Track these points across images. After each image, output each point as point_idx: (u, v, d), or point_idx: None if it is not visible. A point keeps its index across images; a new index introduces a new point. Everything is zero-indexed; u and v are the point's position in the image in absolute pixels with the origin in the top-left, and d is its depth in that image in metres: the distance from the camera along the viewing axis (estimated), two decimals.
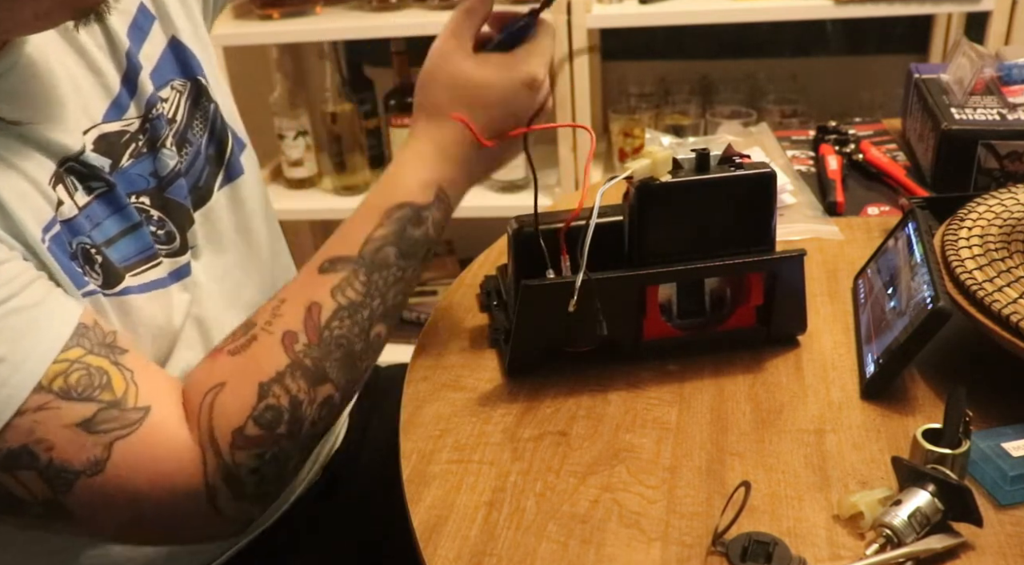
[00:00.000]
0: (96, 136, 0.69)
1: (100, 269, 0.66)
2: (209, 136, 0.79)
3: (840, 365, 0.75)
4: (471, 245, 1.01)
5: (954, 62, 1.11)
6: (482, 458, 0.67)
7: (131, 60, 0.73)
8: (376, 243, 0.67)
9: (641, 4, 1.71)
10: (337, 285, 0.65)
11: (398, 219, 0.68)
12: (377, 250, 0.67)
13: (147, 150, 0.72)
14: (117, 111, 0.71)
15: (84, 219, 0.66)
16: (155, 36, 0.76)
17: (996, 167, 0.98)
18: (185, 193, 0.75)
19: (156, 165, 0.73)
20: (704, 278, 0.76)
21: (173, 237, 0.74)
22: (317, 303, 0.65)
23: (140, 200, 0.72)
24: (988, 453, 0.61)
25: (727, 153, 0.72)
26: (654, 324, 0.74)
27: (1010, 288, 0.69)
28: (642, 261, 0.72)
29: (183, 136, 0.76)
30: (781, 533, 0.58)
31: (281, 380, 0.62)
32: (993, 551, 0.56)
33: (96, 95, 0.70)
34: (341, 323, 0.65)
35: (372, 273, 0.66)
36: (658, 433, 0.69)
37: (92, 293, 0.65)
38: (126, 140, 0.71)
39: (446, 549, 0.60)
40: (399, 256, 0.68)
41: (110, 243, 0.68)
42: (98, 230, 0.67)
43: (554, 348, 0.75)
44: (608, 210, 0.71)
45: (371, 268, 0.67)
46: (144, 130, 0.72)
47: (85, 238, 0.65)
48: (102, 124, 0.70)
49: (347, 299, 0.65)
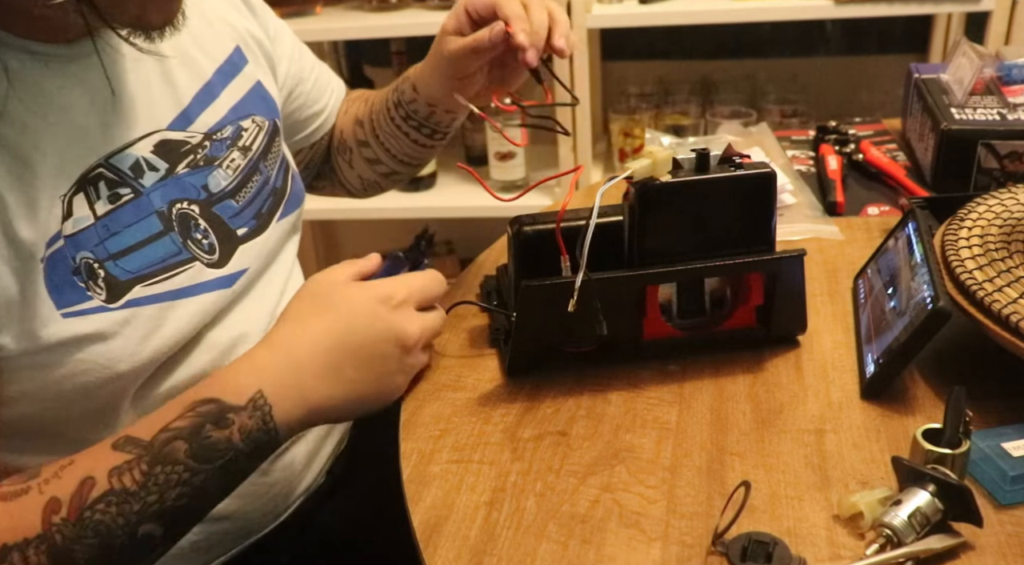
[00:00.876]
0: (159, 140, 0.73)
1: (103, 283, 0.67)
2: (278, 172, 0.84)
3: (840, 365, 0.75)
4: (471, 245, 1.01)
5: (954, 62, 1.11)
6: (482, 458, 0.67)
7: (210, 85, 0.78)
8: (169, 434, 0.62)
9: (641, 4, 1.71)
10: (117, 466, 0.60)
11: (199, 414, 0.62)
12: (167, 441, 0.61)
13: (203, 164, 0.76)
14: (183, 122, 0.75)
15: (99, 228, 0.67)
16: (245, 75, 0.82)
17: (996, 167, 0.98)
18: (232, 214, 0.77)
19: (208, 180, 0.76)
20: (704, 278, 0.76)
21: (214, 249, 0.75)
22: (92, 479, 0.60)
23: (190, 207, 0.74)
24: (988, 453, 0.61)
25: (727, 153, 0.72)
26: (654, 324, 0.74)
27: (1010, 288, 0.69)
28: (642, 261, 0.72)
29: (256, 165, 0.81)
30: (781, 533, 0.58)
31: (24, 548, 0.58)
32: (993, 551, 0.56)
33: (166, 104, 0.74)
34: (106, 508, 0.59)
35: (155, 465, 0.61)
36: (658, 433, 0.69)
37: (95, 309, 0.66)
38: (185, 150, 0.75)
39: (446, 549, 0.60)
40: (190, 455, 0.61)
41: (128, 252, 0.69)
42: (115, 239, 0.68)
43: (554, 348, 0.75)
44: (608, 210, 0.71)
45: (155, 460, 0.61)
46: (203, 146, 0.76)
47: (89, 253, 0.66)
48: (166, 130, 0.73)
49: (121, 485, 0.60)
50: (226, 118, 0.79)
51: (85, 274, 0.66)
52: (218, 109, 0.78)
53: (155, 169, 0.72)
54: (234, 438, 0.63)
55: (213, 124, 0.77)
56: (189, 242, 0.73)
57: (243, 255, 0.78)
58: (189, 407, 0.63)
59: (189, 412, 0.62)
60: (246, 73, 0.82)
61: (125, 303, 0.68)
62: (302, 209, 0.89)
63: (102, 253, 0.67)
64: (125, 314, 0.68)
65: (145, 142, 0.71)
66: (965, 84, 1.05)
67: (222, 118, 0.78)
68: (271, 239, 0.82)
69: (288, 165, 0.86)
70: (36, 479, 0.60)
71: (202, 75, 0.78)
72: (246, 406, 0.63)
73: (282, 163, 0.85)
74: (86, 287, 0.66)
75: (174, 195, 0.73)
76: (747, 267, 0.73)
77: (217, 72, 0.79)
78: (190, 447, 0.61)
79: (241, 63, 0.82)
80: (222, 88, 0.79)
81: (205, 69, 0.78)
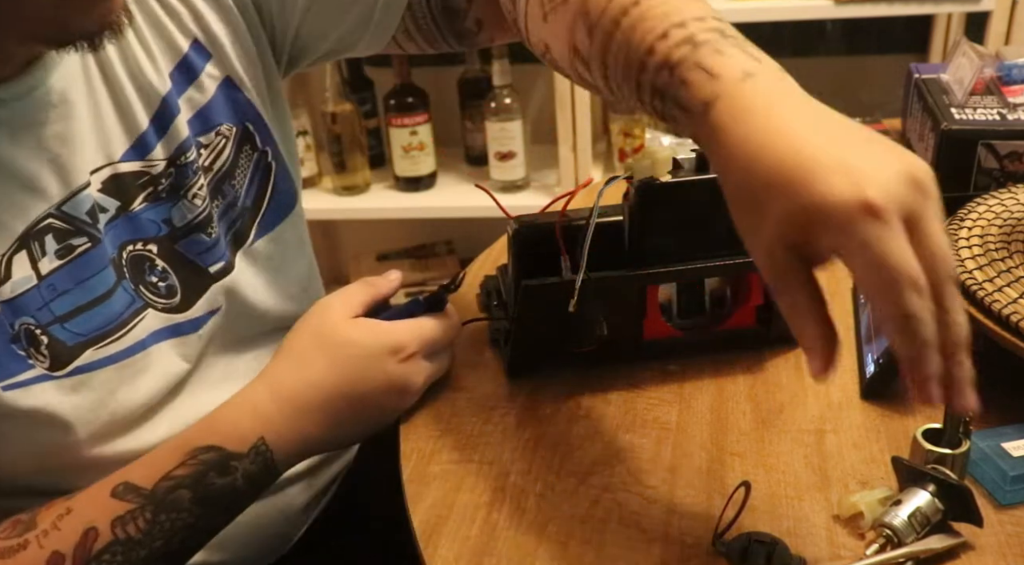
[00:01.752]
0: (108, 175, 0.66)
1: (46, 350, 0.62)
2: (249, 185, 0.75)
3: (840, 365, 0.75)
4: (471, 245, 1.01)
5: (954, 62, 1.11)
6: (482, 458, 0.67)
7: (167, 101, 0.68)
8: (171, 482, 0.61)
9: None
10: (120, 516, 0.60)
11: (202, 462, 0.62)
12: (171, 490, 0.61)
13: (166, 196, 0.69)
14: (139, 151, 0.67)
15: (44, 290, 0.62)
16: (207, 77, 0.71)
17: (996, 167, 0.98)
18: (202, 249, 0.71)
19: (172, 213, 0.69)
20: (704, 278, 0.76)
21: (174, 291, 0.70)
22: (95, 529, 0.59)
23: (147, 248, 0.68)
24: (988, 453, 0.61)
25: None
26: (654, 324, 0.74)
27: (1010, 288, 0.69)
28: (642, 261, 0.72)
29: (218, 185, 0.72)
30: (781, 533, 0.58)
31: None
32: (993, 551, 0.56)
33: (118, 133, 0.67)
34: (112, 558, 0.59)
35: (160, 513, 0.60)
36: (658, 433, 0.69)
37: (38, 378, 0.61)
38: (143, 182, 0.68)
39: (446, 549, 0.59)
40: (194, 502, 0.62)
41: (76, 313, 0.64)
42: (62, 299, 0.63)
43: (554, 348, 0.75)
44: (608, 210, 0.71)
45: (160, 508, 0.61)
46: (168, 174, 0.69)
47: (31, 317, 0.61)
48: (119, 163, 0.66)
49: (126, 534, 0.60)
50: (190, 138, 0.70)
51: (25, 341, 0.61)
52: (180, 127, 0.69)
53: (104, 210, 0.65)
54: (238, 483, 0.63)
55: (175, 146, 0.69)
56: (142, 287, 0.68)
57: (216, 294, 0.72)
58: (190, 454, 0.62)
59: (191, 460, 0.62)
60: (208, 73, 0.71)
61: (73, 370, 0.63)
62: (295, 219, 0.80)
63: (46, 317, 0.62)
64: (72, 382, 0.63)
65: (94, 178, 0.65)
66: (965, 84, 1.05)
67: (186, 138, 0.69)
68: (257, 261, 0.76)
69: (273, 170, 0.77)
70: (34, 531, 0.59)
71: (157, 91, 0.68)
72: (248, 453, 0.63)
73: (260, 171, 0.76)
74: (27, 355, 0.61)
75: (125, 236, 0.67)
76: (747, 267, 0.73)
77: (174, 83, 0.69)
78: (194, 495, 0.61)
79: (201, 62, 0.71)
80: (180, 99, 0.70)
81: (160, 83, 0.68)
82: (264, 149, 0.76)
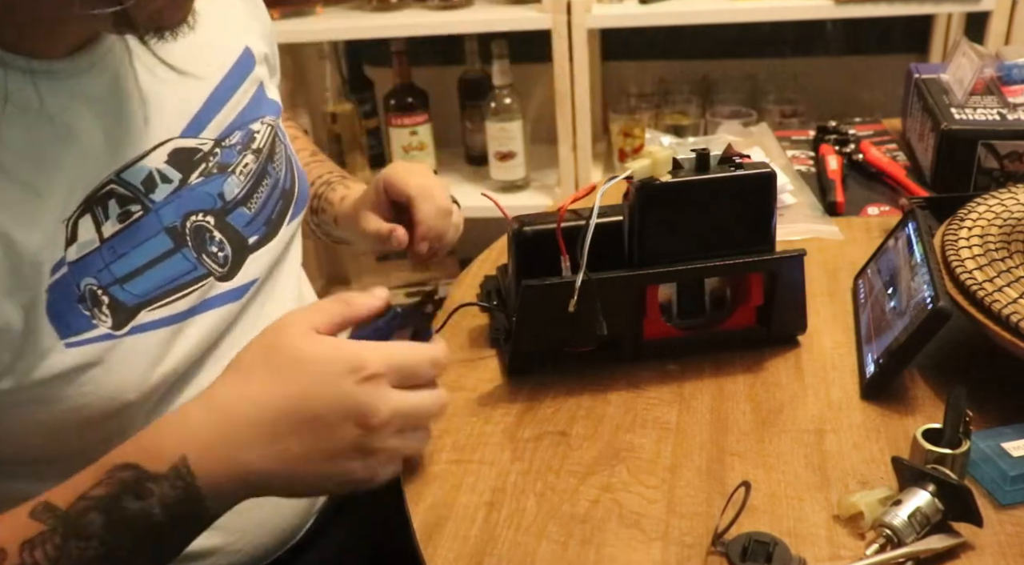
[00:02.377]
0: (172, 148, 0.70)
1: (108, 310, 0.63)
2: (286, 172, 0.82)
3: (840, 365, 0.75)
4: (471, 245, 1.01)
5: (954, 62, 1.11)
6: (482, 458, 0.67)
7: (220, 89, 0.75)
8: (85, 503, 0.55)
9: (641, 4, 1.71)
10: (30, 539, 0.54)
11: (117, 482, 0.55)
12: (83, 512, 0.54)
13: (217, 171, 0.73)
14: (194, 129, 0.72)
15: (105, 252, 0.64)
16: (253, 77, 0.79)
17: (996, 167, 0.98)
18: (245, 222, 0.75)
19: (224, 188, 0.73)
20: (704, 278, 0.76)
21: (227, 261, 0.72)
22: (3, 552, 0.54)
23: (205, 219, 0.71)
24: (988, 453, 0.61)
25: (727, 153, 0.72)
26: (654, 324, 0.74)
27: (1010, 288, 0.69)
28: (642, 261, 0.72)
29: (264, 168, 0.78)
30: (781, 533, 0.58)
31: None
32: (993, 551, 0.56)
33: (177, 110, 0.71)
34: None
35: (68, 539, 0.54)
36: (658, 433, 0.69)
37: (100, 337, 0.62)
38: (199, 158, 0.72)
39: (446, 549, 0.60)
40: (105, 528, 0.54)
41: (136, 275, 0.66)
42: (123, 262, 0.65)
43: (554, 348, 0.75)
44: (608, 210, 0.71)
45: (69, 532, 0.54)
46: (215, 153, 0.73)
47: (93, 278, 0.63)
48: (179, 138, 0.71)
49: (33, 560, 0.54)
50: (235, 122, 0.76)
51: (90, 301, 0.62)
52: (228, 113, 0.75)
53: (168, 180, 0.69)
54: (153, 510, 0.54)
55: (223, 129, 0.75)
56: (204, 256, 0.70)
57: (253, 265, 0.75)
58: (106, 473, 0.55)
59: (107, 478, 0.55)
60: (254, 75, 0.80)
61: (130, 329, 0.64)
62: (307, 209, 0.88)
63: (107, 278, 0.64)
64: (131, 341, 0.64)
65: (159, 152, 0.69)
66: (965, 84, 1.05)
67: (232, 122, 0.76)
68: (280, 244, 0.79)
69: (294, 165, 0.84)
70: None
71: (211, 79, 0.75)
72: (167, 474, 0.55)
73: (288, 163, 0.83)
74: (91, 315, 0.62)
75: (188, 207, 0.70)
76: (747, 267, 0.73)
77: (227, 76, 0.77)
78: (107, 519, 0.54)
79: (250, 64, 0.80)
80: (232, 92, 0.77)
81: (214, 73, 0.76)
82: (286, 144, 0.84)
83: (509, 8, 1.76)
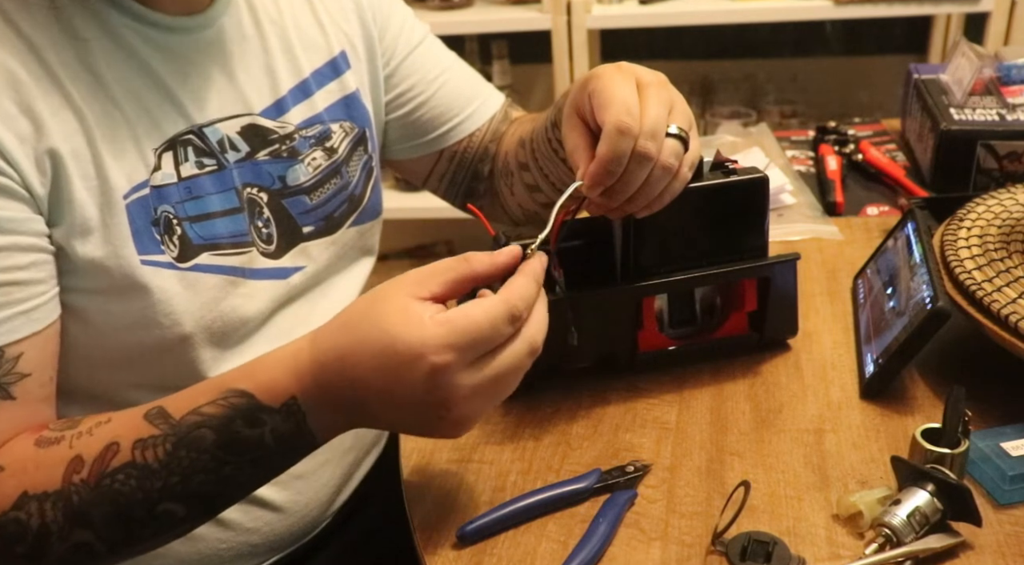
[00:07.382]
0: (247, 123, 0.74)
1: (177, 241, 0.69)
2: (360, 179, 0.84)
3: (840, 365, 0.75)
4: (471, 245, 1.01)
5: (953, 62, 1.11)
6: (482, 458, 0.68)
7: (307, 82, 0.79)
8: (198, 419, 0.58)
9: (641, 4, 1.71)
10: (143, 439, 0.58)
11: (231, 405, 0.58)
12: (195, 426, 0.57)
13: (287, 156, 0.77)
14: (276, 111, 0.77)
15: (181, 189, 0.69)
16: (343, 81, 0.82)
17: (995, 167, 0.98)
18: (302, 210, 0.78)
19: (287, 172, 0.77)
20: (699, 287, 0.75)
21: (272, 239, 0.76)
22: (117, 445, 0.58)
23: (259, 194, 0.75)
24: (987, 453, 0.62)
25: (717, 159, 0.71)
26: (650, 336, 0.74)
27: (1009, 288, 0.69)
28: (636, 272, 0.71)
29: (338, 168, 0.81)
30: (781, 533, 0.58)
31: (43, 501, 0.57)
32: (992, 551, 0.56)
33: (262, 90, 0.76)
34: (126, 479, 0.57)
35: (180, 448, 0.57)
36: (658, 433, 0.69)
37: (165, 264, 0.67)
38: (273, 138, 0.76)
39: (446, 549, 0.60)
40: (218, 446, 0.57)
41: (203, 218, 0.71)
42: (195, 203, 0.70)
43: (551, 365, 0.74)
44: (600, 221, 0.70)
45: (181, 442, 0.57)
46: (291, 138, 0.77)
47: (170, 208, 0.68)
48: (257, 116, 0.75)
49: (143, 459, 0.57)
50: (318, 117, 0.80)
51: (163, 227, 0.68)
52: (312, 106, 0.79)
53: (236, 149, 0.73)
54: (266, 439, 0.57)
55: (304, 120, 0.79)
56: (252, 227, 0.74)
57: (303, 252, 0.78)
58: (221, 394, 0.58)
59: (221, 399, 0.58)
60: (345, 79, 0.82)
61: (193, 266, 0.69)
62: (378, 225, 0.87)
63: (180, 213, 0.69)
64: (191, 277, 0.69)
65: (233, 122, 0.73)
66: (964, 84, 1.05)
67: (314, 116, 0.79)
68: (338, 244, 0.81)
69: (373, 176, 0.86)
70: (74, 430, 0.60)
71: (301, 71, 0.79)
72: (280, 409, 0.57)
73: (366, 172, 0.85)
74: (161, 240, 0.67)
75: (248, 179, 0.74)
76: (742, 274, 0.73)
77: (316, 72, 0.80)
78: (218, 439, 0.57)
79: (343, 68, 0.82)
80: (319, 88, 0.80)
81: (304, 66, 0.79)
82: (371, 154, 0.86)
83: (509, 9, 1.76)
